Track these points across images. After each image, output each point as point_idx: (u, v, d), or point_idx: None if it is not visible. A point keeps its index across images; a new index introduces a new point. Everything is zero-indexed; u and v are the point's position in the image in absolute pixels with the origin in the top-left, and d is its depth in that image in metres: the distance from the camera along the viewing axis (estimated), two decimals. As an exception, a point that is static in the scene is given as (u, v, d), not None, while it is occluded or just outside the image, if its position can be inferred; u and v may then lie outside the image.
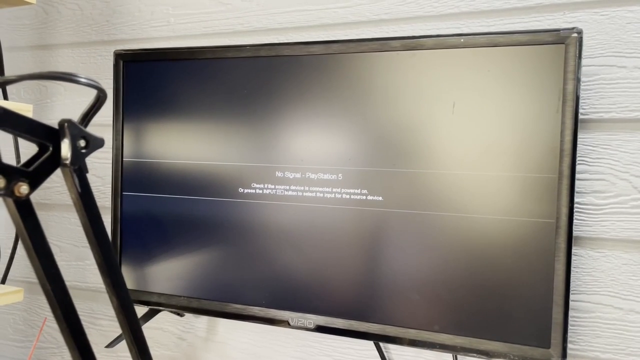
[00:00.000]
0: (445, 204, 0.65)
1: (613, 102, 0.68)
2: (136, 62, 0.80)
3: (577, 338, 0.69)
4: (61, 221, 1.01)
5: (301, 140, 0.72)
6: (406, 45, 0.66)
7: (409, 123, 0.67)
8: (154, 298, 0.79)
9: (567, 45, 0.60)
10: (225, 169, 0.75)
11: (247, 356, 0.87)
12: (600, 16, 0.69)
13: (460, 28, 0.75)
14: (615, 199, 0.68)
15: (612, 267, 0.68)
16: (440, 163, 0.65)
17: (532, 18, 0.72)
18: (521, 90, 0.62)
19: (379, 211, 0.68)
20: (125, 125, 0.81)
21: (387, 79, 0.67)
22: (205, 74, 0.77)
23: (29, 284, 1.03)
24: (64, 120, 0.35)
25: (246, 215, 0.74)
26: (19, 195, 0.34)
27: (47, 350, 1.03)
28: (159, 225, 0.79)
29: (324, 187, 0.71)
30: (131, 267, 0.81)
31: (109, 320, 0.97)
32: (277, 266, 0.73)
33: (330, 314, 0.70)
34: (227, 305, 0.75)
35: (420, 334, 0.66)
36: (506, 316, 0.62)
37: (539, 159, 0.61)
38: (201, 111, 0.77)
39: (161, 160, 0.79)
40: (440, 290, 0.65)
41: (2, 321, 1.06)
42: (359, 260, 0.69)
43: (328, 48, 0.70)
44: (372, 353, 0.79)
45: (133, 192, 0.80)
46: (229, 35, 0.88)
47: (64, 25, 1.01)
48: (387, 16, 0.79)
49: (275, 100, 0.73)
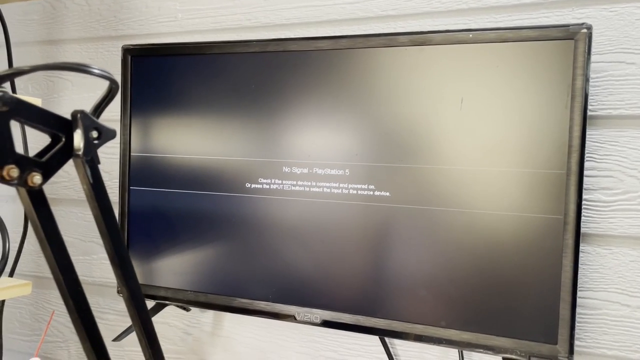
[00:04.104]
0: (452, 200, 0.65)
1: (621, 99, 0.68)
2: (144, 57, 0.80)
3: (583, 335, 0.69)
4: (68, 216, 1.01)
5: (308, 136, 0.72)
6: (414, 40, 0.66)
7: (416, 118, 0.67)
8: (161, 292, 0.80)
9: (576, 41, 0.59)
10: (232, 164, 0.76)
11: (252, 351, 0.88)
12: (609, 12, 0.68)
13: (468, 24, 0.75)
14: (623, 196, 0.68)
15: (620, 264, 0.68)
16: (447, 159, 0.65)
17: (540, 14, 0.71)
18: (530, 86, 0.62)
19: (386, 207, 0.68)
20: (132, 120, 0.81)
21: (395, 75, 0.67)
22: (212, 69, 0.77)
23: (36, 278, 1.04)
24: (76, 111, 0.35)
25: (253, 210, 0.74)
26: (32, 185, 0.34)
27: (54, 344, 1.03)
28: (166, 219, 0.79)
29: (331, 182, 0.71)
30: (138, 261, 0.81)
31: (115, 315, 0.97)
32: (283, 261, 0.73)
33: (337, 309, 0.70)
34: (233, 300, 0.76)
35: (426, 330, 0.66)
36: (513, 312, 0.62)
37: (547, 155, 0.61)
38: (208, 106, 0.77)
39: (168, 155, 0.79)
40: (447, 286, 0.65)
41: (9, 315, 1.06)
42: (365, 256, 0.69)
43: (336, 43, 0.70)
44: (377, 349, 0.79)
45: (140, 186, 0.81)
46: (236, 31, 0.88)
47: (72, 21, 1.01)
48: (394, 12, 0.79)
49: (283, 95, 0.73)
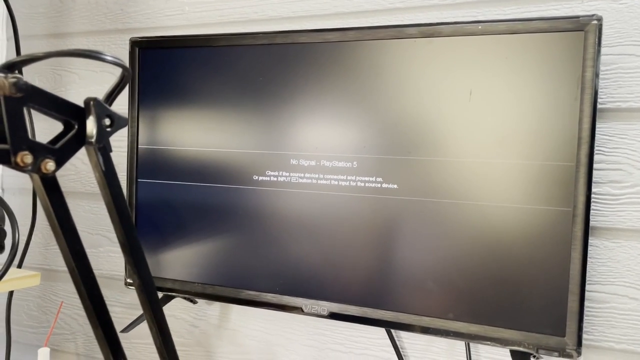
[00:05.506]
0: (461, 192, 0.65)
1: (631, 92, 0.68)
2: (152, 50, 0.81)
3: (591, 328, 0.69)
4: (75, 208, 1.01)
5: (316, 128, 0.72)
6: (423, 32, 0.66)
7: (424, 111, 0.66)
8: (168, 284, 0.80)
9: (586, 32, 0.59)
10: (239, 157, 0.76)
11: (259, 344, 0.88)
12: (619, 5, 0.68)
13: (476, 16, 0.74)
14: (632, 189, 0.67)
15: (628, 258, 0.68)
16: (456, 151, 0.65)
17: (549, 6, 0.71)
18: (539, 78, 0.61)
19: (393, 199, 0.68)
20: (140, 113, 0.81)
21: (403, 67, 0.67)
22: (220, 61, 0.77)
23: (44, 270, 1.04)
24: (89, 98, 0.35)
25: (260, 203, 0.74)
26: (46, 171, 0.34)
27: (61, 337, 1.04)
28: (174, 212, 0.80)
29: (339, 174, 0.71)
30: (146, 253, 0.80)
31: (123, 307, 0.98)
32: (291, 253, 0.73)
33: (344, 301, 0.70)
34: (241, 292, 0.76)
35: (434, 322, 0.66)
36: (521, 304, 0.62)
37: (557, 147, 0.61)
38: (216, 98, 0.77)
39: (176, 147, 0.79)
40: (455, 278, 0.65)
41: (16, 307, 1.07)
42: (373, 248, 0.69)
43: (344, 35, 0.70)
44: (384, 342, 0.79)
45: (148, 179, 0.81)
46: (244, 24, 0.88)
47: (79, 14, 1.01)
48: (402, 4, 0.79)
49: (290, 87, 0.73)
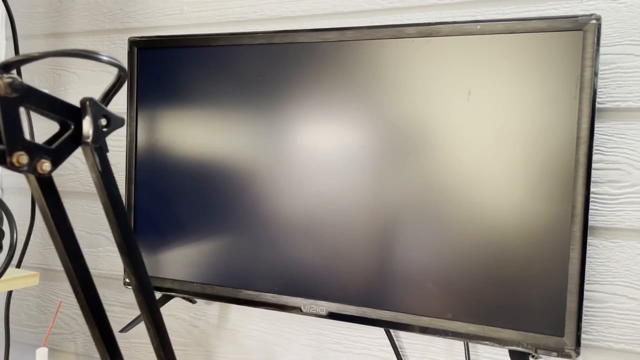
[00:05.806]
0: (460, 192, 0.65)
1: (630, 91, 0.68)
2: (150, 50, 0.80)
3: (590, 328, 0.69)
4: (74, 208, 1.01)
5: (315, 127, 0.72)
6: (421, 32, 0.66)
7: (423, 110, 0.66)
8: (167, 284, 0.80)
9: (585, 32, 0.59)
10: (238, 156, 0.76)
11: (258, 343, 0.88)
12: (618, 4, 0.68)
13: (475, 16, 0.74)
14: (631, 189, 0.67)
15: (627, 258, 0.68)
16: (455, 151, 0.65)
17: (548, 6, 0.71)
18: (538, 77, 0.61)
19: (392, 199, 0.68)
20: (139, 113, 0.81)
21: (402, 66, 0.67)
22: (219, 61, 0.77)
23: (43, 270, 1.04)
24: (85, 98, 0.35)
25: (259, 203, 0.74)
26: (42, 172, 0.34)
27: (60, 336, 1.04)
28: (172, 212, 0.79)
29: (338, 174, 0.71)
30: (145, 253, 0.81)
31: (121, 307, 0.98)
32: (290, 253, 0.73)
33: (343, 301, 0.70)
34: (239, 292, 0.76)
35: (433, 322, 0.66)
36: (520, 304, 0.62)
37: (556, 147, 0.61)
38: (215, 98, 0.77)
39: (175, 147, 0.79)
40: (454, 278, 0.65)
41: (15, 307, 1.07)
42: (372, 248, 0.69)
43: (343, 35, 0.70)
44: (383, 342, 0.79)
45: (147, 179, 0.81)
46: (242, 23, 0.88)
47: (78, 14, 1.01)
48: (401, 4, 0.78)
49: (289, 87, 0.73)
